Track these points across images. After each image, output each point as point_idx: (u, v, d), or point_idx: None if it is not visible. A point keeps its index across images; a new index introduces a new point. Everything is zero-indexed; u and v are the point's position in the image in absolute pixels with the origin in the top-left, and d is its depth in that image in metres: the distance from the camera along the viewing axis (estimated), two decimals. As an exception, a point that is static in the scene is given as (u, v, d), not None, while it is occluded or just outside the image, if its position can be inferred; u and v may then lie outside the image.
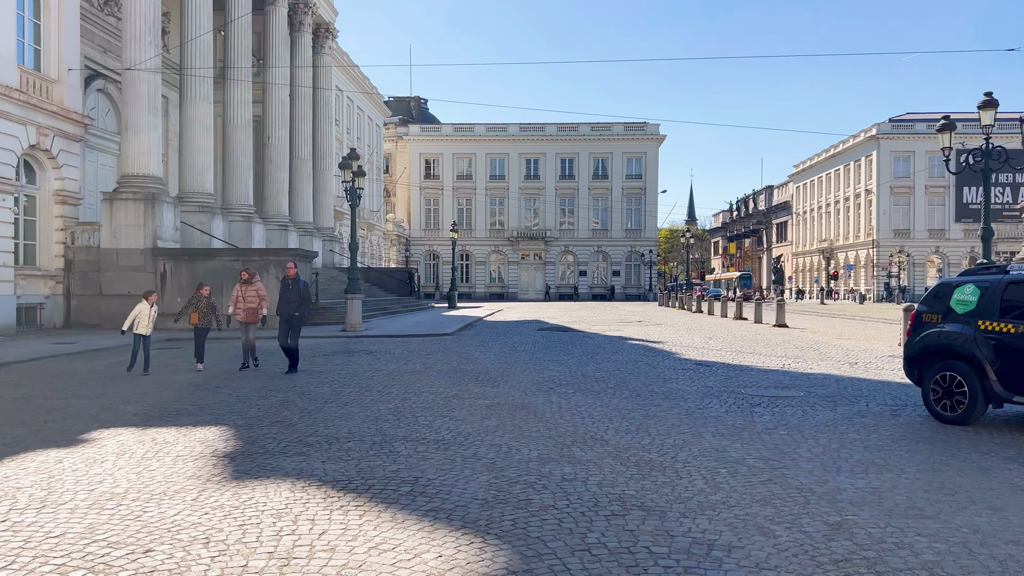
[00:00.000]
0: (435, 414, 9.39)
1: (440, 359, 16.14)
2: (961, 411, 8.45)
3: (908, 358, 9.35)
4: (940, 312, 8.98)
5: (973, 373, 8.36)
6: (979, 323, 8.40)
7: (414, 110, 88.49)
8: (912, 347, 9.26)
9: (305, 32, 39.00)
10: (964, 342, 8.48)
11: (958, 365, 8.53)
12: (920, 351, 9.10)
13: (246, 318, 14.14)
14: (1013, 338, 8.03)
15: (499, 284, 78.10)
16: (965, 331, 8.51)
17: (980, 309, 8.45)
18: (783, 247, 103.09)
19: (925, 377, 8.95)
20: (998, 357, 8.13)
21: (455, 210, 77.14)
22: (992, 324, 8.26)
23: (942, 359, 8.76)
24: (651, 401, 10.33)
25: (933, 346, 8.91)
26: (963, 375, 8.44)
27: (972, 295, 8.58)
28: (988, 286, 8.49)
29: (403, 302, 40.43)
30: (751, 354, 17.17)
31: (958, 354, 8.57)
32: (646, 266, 77.42)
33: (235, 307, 14.30)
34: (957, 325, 8.66)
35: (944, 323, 8.87)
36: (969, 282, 8.76)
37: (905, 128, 76.50)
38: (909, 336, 9.39)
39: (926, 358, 9.00)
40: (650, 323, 29.60)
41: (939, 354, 8.83)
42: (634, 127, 77.91)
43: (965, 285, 8.76)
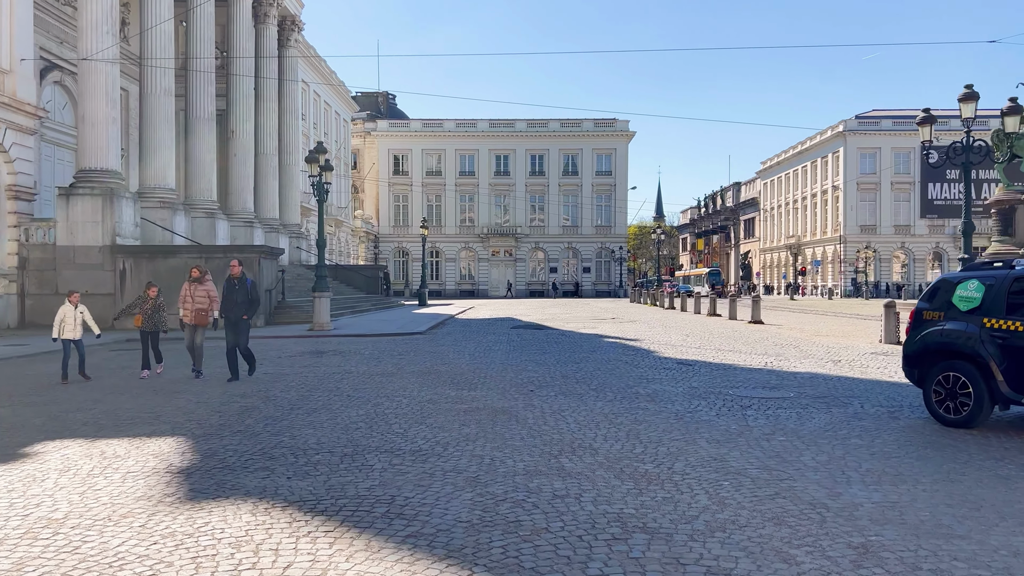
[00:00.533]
0: (410, 421, 8.80)
1: (413, 360, 15.53)
2: (965, 413, 8.03)
3: (908, 357, 8.90)
4: (942, 309, 8.56)
5: (978, 374, 7.95)
6: (984, 321, 7.99)
7: (382, 105, 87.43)
8: (912, 346, 8.83)
9: (270, 24, 38.01)
10: (968, 341, 8.07)
11: (962, 365, 8.11)
12: (921, 350, 8.67)
13: (194, 320, 12.86)
14: (1022, 336, 7.63)
15: (470, 281, 77.43)
16: (969, 329, 8.10)
17: (985, 306, 8.04)
18: (751, 243, 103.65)
19: (926, 378, 8.52)
20: (1005, 357, 7.73)
21: (425, 206, 76.31)
22: (998, 322, 7.85)
23: (945, 359, 8.34)
24: (637, 404, 9.83)
25: (935, 345, 8.48)
26: (968, 376, 8.02)
27: (976, 292, 8.17)
28: (993, 282, 8.07)
29: (372, 300, 39.66)
30: (731, 352, 16.78)
31: (962, 353, 8.15)
32: (616, 262, 77.25)
33: (183, 308, 13.06)
34: (960, 323, 8.24)
35: (946, 321, 8.44)
36: (972, 278, 8.34)
37: (871, 125, 77.15)
38: (908, 335, 8.96)
39: (927, 358, 8.58)
40: (624, 320, 29.20)
41: (941, 353, 8.41)
42: (604, 123, 77.67)
43: (968, 281, 8.34)
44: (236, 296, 12.71)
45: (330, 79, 57.45)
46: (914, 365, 8.78)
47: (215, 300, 13.02)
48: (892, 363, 14.34)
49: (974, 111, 17.34)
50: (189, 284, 13.01)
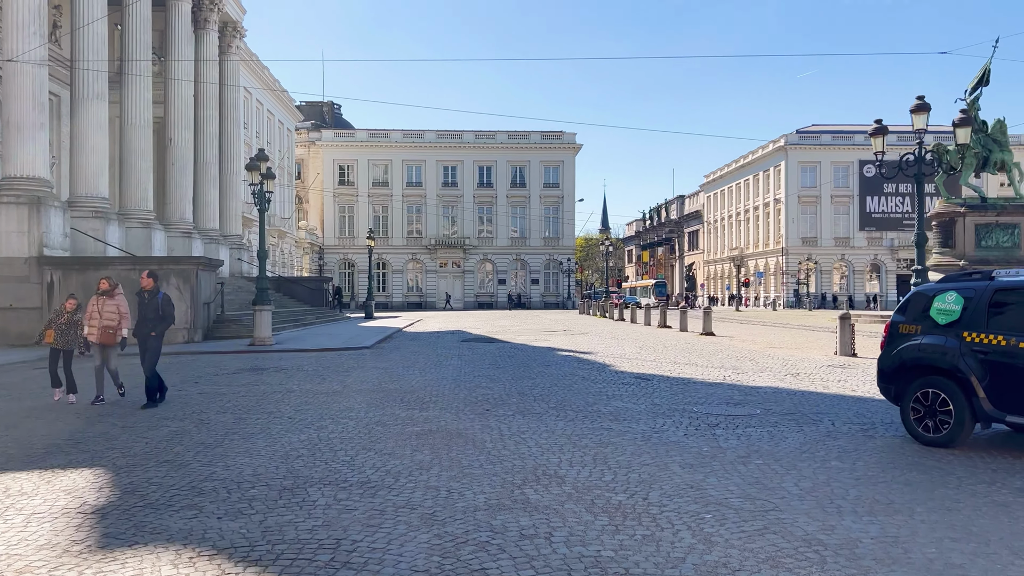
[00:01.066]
0: (357, 447, 8.10)
1: (359, 377, 14.76)
2: (946, 432, 7.64)
3: (883, 373, 8.50)
4: (918, 322, 8.18)
5: (959, 390, 7.57)
6: (964, 335, 7.62)
7: (327, 115, 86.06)
8: (888, 361, 8.43)
9: (210, 30, 36.80)
10: (948, 356, 7.69)
11: (942, 381, 7.74)
12: (898, 366, 8.27)
13: (101, 339, 11.28)
14: (1005, 352, 7.27)
15: (417, 293, 76.44)
16: (949, 344, 7.73)
17: (965, 319, 7.68)
18: (695, 255, 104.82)
19: (904, 395, 8.13)
20: (987, 372, 7.36)
21: (371, 217, 75.18)
22: (980, 336, 7.49)
23: (923, 375, 7.96)
24: (600, 424, 9.28)
25: (913, 360, 8.10)
26: (948, 392, 7.64)
27: (955, 304, 7.81)
28: (973, 294, 7.72)
29: (317, 313, 38.56)
30: (687, 365, 16.40)
31: (942, 369, 7.77)
32: (564, 274, 77.12)
33: (89, 325, 11.40)
34: (939, 337, 7.87)
35: (923, 335, 8.06)
36: (950, 289, 7.98)
37: (812, 139, 78.70)
38: (884, 349, 8.57)
39: (905, 374, 8.18)
40: (576, 332, 28.77)
41: (920, 369, 8.03)
42: (551, 136, 77.68)
43: (946, 293, 7.98)
44: (146, 312, 11.37)
45: (273, 87, 56.15)
46: (890, 381, 8.38)
47: (125, 317, 11.48)
48: (851, 376, 14.10)
49: (926, 122, 17.34)
50: (97, 298, 11.51)
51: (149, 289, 11.58)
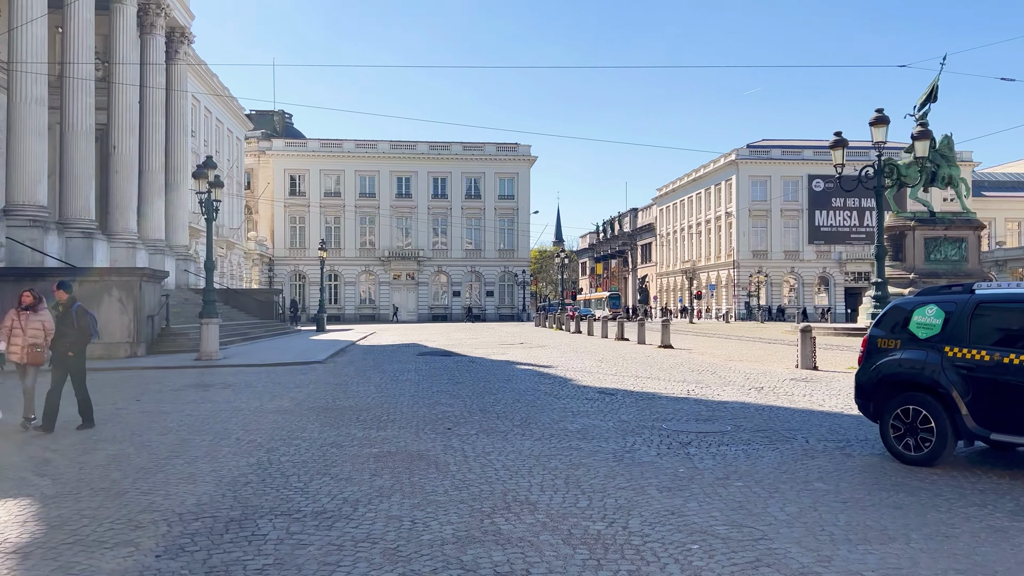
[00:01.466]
0: (311, 471, 7.55)
1: (312, 393, 14.14)
2: (927, 450, 7.38)
3: (862, 389, 8.21)
4: (898, 337, 7.93)
5: (941, 407, 7.32)
6: (946, 349, 7.38)
7: (278, 124, 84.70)
8: (866, 377, 8.14)
9: (157, 35, 35.72)
10: (930, 372, 7.44)
11: (923, 398, 7.48)
12: (877, 382, 7.98)
13: (28, 358, 10.18)
14: (989, 367, 7.03)
15: (370, 305, 75.36)
16: (930, 359, 7.48)
17: (946, 334, 7.44)
18: (648, 267, 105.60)
19: (883, 411, 7.85)
20: (970, 389, 7.12)
21: (323, 228, 74.01)
22: (962, 351, 7.25)
23: (904, 391, 7.70)
24: (568, 443, 8.87)
25: (892, 376, 7.83)
26: (929, 409, 7.38)
27: (935, 318, 7.58)
28: (953, 308, 7.49)
29: (267, 326, 37.55)
30: (650, 379, 16.10)
31: (923, 385, 7.52)
32: (519, 286, 76.80)
33: (8, 342, 10.12)
34: (920, 352, 7.62)
35: (903, 349, 7.81)
36: (930, 302, 7.75)
37: (762, 154, 79.89)
38: (862, 364, 8.31)
39: (884, 390, 7.90)
40: (534, 345, 28.38)
41: (900, 385, 7.76)
42: (506, 148, 77.49)
43: (926, 306, 7.75)
44: (63, 327, 10.39)
45: (223, 94, 54.95)
46: (869, 398, 8.09)
47: (51, 333, 10.37)
48: (816, 390, 13.94)
49: (885, 134, 17.38)
50: (18, 312, 10.36)
51: (64, 303, 10.65)
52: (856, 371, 8.42)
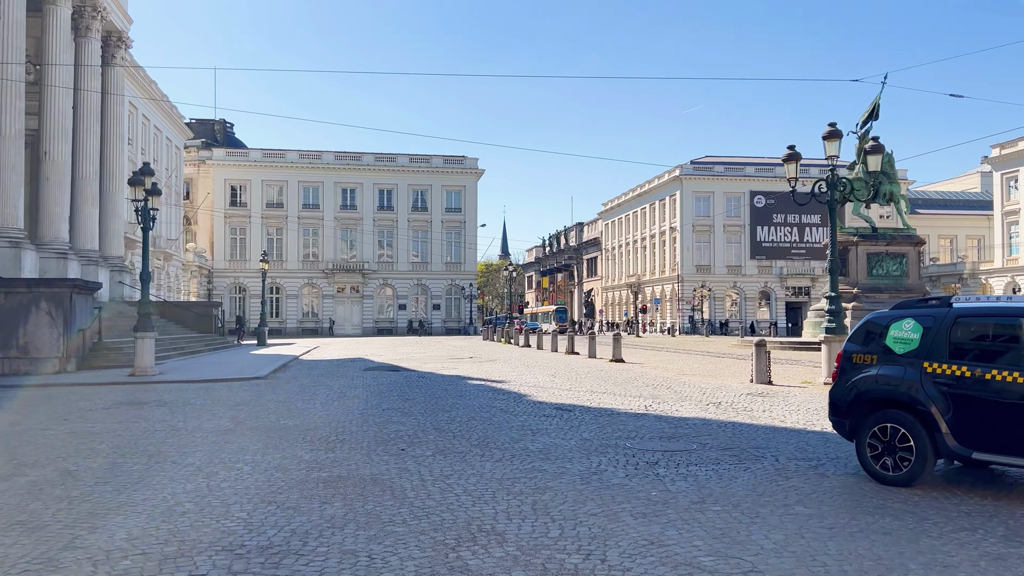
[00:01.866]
0: (255, 499, 6.94)
1: (254, 411, 13.40)
2: (906, 470, 7.10)
3: (836, 407, 7.89)
4: (874, 352, 7.65)
5: (921, 425, 7.05)
6: (925, 365, 7.13)
7: (219, 134, 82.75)
8: (841, 394, 7.83)
9: (93, 39, 34.37)
10: (908, 389, 7.17)
11: (902, 416, 7.20)
12: (853, 399, 7.67)
13: None
14: (970, 383, 6.80)
15: (313, 319, 73.86)
16: (908, 375, 7.22)
17: (925, 349, 7.20)
18: (594, 281, 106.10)
19: (860, 430, 7.55)
20: (951, 406, 6.87)
21: (264, 240, 72.37)
22: (941, 367, 7.02)
23: (881, 408, 7.42)
24: (531, 464, 8.40)
25: (870, 393, 7.53)
26: (908, 428, 7.10)
27: (913, 332, 7.33)
28: (931, 322, 7.25)
29: (206, 340, 36.27)
30: (605, 394, 15.75)
31: (901, 402, 7.25)
32: (466, 300, 76.20)
33: None
34: (898, 368, 7.35)
35: (880, 365, 7.53)
36: (907, 316, 7.50)
37: (706, 170, 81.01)
38: (836, 380, 7.99)
39: (861, 407, 7.60)
40: (483, 359, 27.87)
41: (877, 402, 7.47)
42: (453, 160, 77.02)
43: (902, 320, 7.50)
44: None
45: (161, 104, 53.33)
46: (844, 415, 7.77)
47: None
48: (774, 405, 13.74)
49: (838, 148, 17.43)
50: None
51: None
52: (831, 388, 8.12)
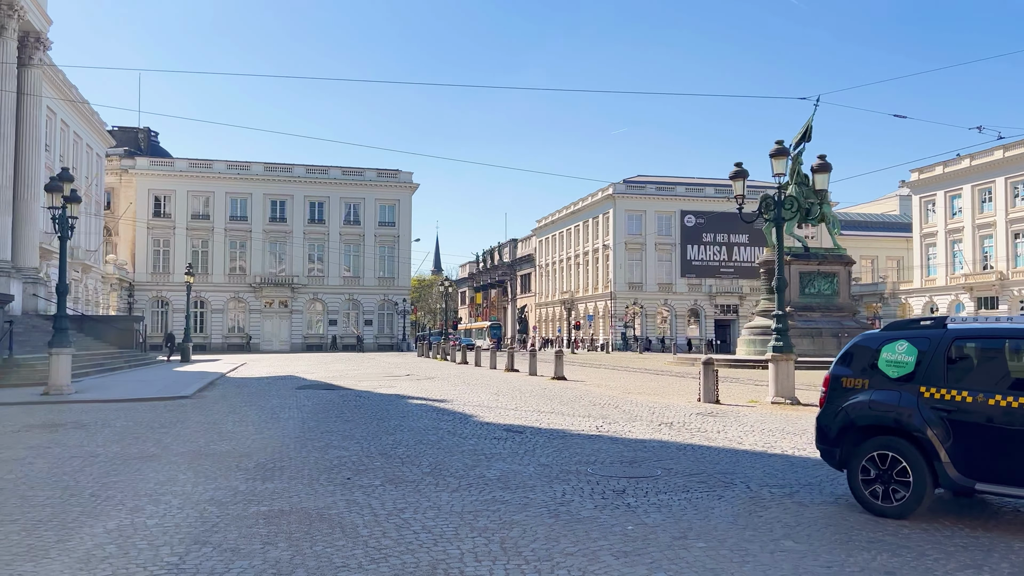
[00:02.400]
0: (187, 539, 6.16)
1: (181, 435, 12.44)
2: (902, 502, 6.67)
3: (825, 435, 7.44)
4: (866, 376, 7.24)
5: (919, 454, 6.64)
6: (922, 390, 6.75)
7: (143, 142, 79.82)
8: (831, 420, 7.38)
9: (8, 38, 32.59)
10: (905, 415, 6.77)
11: (898, 444, 6.78)
12: (844, 426, 7.22)
13: None
14: (972, 410, 6.42)
15: (239, 334, 71.56)
16: (904, 401, 6.82)
17: (921, 372, 6.82)
18: (527, 297, 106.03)
19: (852, 458, 7.12)
20: (951, 434, 6.49)
21: (189, 252, 69.88)
22: (940, 392, 6.64)
23: (875, 435, 7.00)
24: (491, 494, 7.80)
25: (862, 420, 7.10)
26: (905, 456, 6.69)
27: (907, 355, 6.95)
28: (927, 345, 6.88)
29: (127, 356, 34.50)
30: (553, 414, 15.26)
31: (897, 430, 6.84)
32: (400, 315, 74.99)
33: None
34: (892, 393, 6.95)
35: (873, 390, 7.12)
36: (900, 338, 7.10)
37: (638, 189, 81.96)
38: (825, 406, 7.55)
39: (853, 434, 7.17)
40: (421, 377, 27.08)
41: (870, 429, 7.06)
42: (387, 174, 75.98)
43: (896, 342, 7.09)
44: None
45: (82, 109, 51.03)
46: (834, 443, 7.31)
47: None
48: (728, 426, 13.45)
49: (785, 167, 17.42)
50: None
51: None
52: (818, 414, 7.66)
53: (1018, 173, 59.85)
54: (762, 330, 37.45)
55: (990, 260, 62.84)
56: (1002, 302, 60.95)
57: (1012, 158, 60.03)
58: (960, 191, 65.39)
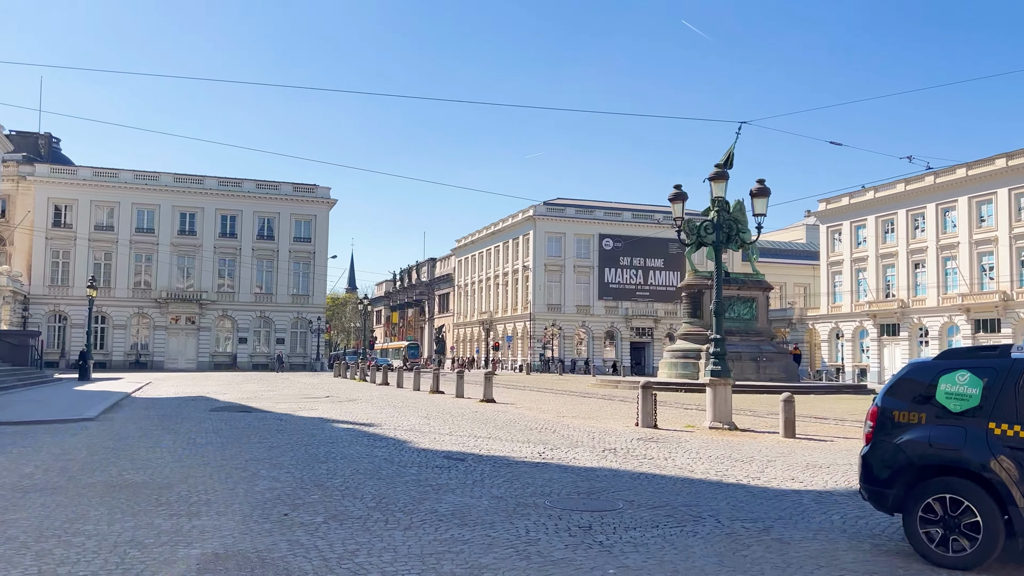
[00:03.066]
0: (110, 594, 5.31)
1: (89, 462, 11.28)
2: (971, 551, 6.01)
3: (873, 475, 6.71)
4: (921, 409, 6.57)
5: (989, 498, 6.02)
6: (991, 427, 6.13)
7: (43, 148, 75.67)
8: (882, 459, 6.66)
9: None
10: (973, 454, 6.14)
11: (965, 486, 6.15)
12: (900, 466, 6.52)
13: None
14: None
15: (143, 351, 68.21)
16: (971, 438, 6.20)
17: (988, 407, 6.19)
18: (445, 317, 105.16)
19: (909, 501, 6.43)
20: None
21: (91, 265, 66.30)
22: (1013, 428, 6.02)
23: (936, 476, 6.35)
24: (447, 532, 7.14)
25: (922, 459, 6.43)
26: (974, 500, 6.05)
27: (971, 387, 6.32)
28: (993, 375, 6.25)
29: (21, 373, 32.15)
30: (491, 439, 14.65)
31: (964, 470, 6.21)
32: (314, 334, 72.93)
33: None
34: (956, 429, 6.32)
35: (932, 426, 6.46)
36: (960, 368, 6.48)
37: (558, 211, 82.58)
38: (873, 443, 6.79)
39: (910, 475, 6.48)
40: (343, 399, 26.00)
41: (931, 469, 6.41)
42: (303, 188, 74.14)
43: (955, 372, 6.47)
44: None
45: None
46: (886, 484, 6.57)
47: None
48: (674, 453, 13.11)
49: (724, 190, 17.41)
50: None
51: None
52: (864, 452, 6.91)
53: (919, 206, 62.76)
54: (683, 353, 37.79)
55: (892, 288, 65.55)
56: (903, 329, 63.57)
57: (912, 191, 62.95)
58: (865, 221, 68.13)
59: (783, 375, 36.15)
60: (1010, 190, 55.47)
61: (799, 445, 14.36)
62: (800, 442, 14.80)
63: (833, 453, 13.33)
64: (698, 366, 35.84)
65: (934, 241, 61.37)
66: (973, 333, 57.76)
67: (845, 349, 69.58)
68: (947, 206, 60.45)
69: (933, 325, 61.10)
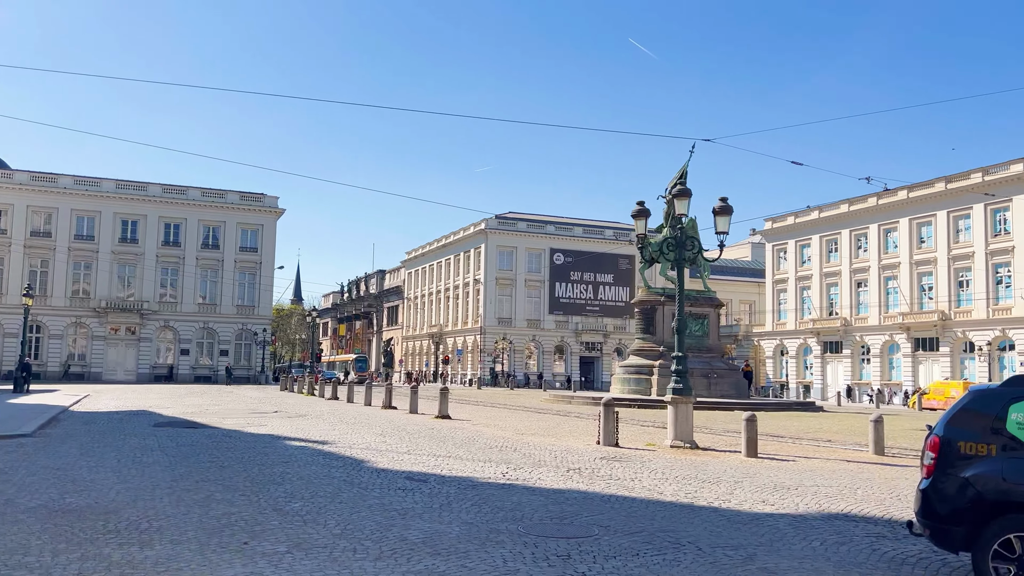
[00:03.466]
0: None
1: (27, 484, 10.58)
2: None
3: (937, 511, 6.24)
4: (990, 440, 6.11)
5: None
6: None
7: (-23, 150, 73.05)
8: (946, 494, 6.19)
9: None
10: None
11: None
12: (969, 502, 6.05)
13: None
14: None
15: (80, 362, 65.91)
16: None
17: None
18: (394, 330, 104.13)
19: (980, 540, 5.98)
20: None
21: (27, 272, 63.88)
22: None
23: (1011, 513, 5.89)
24: (422, 564, 6.77)
25: (996, 495, 5.95)
26: None
27: None
28: None
29: (-53, 386, 30.57)
30: (452, 458, 14.27)
31: None
32: (259, 346, 71.39)
33: None
34: None
35: (1004, 458, 6.01)
36: None
37: (509, 225, 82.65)
38: (935, 476, 6.31)
39: (979, 512, 6.01)
40: (293, 414, 25.26)
41: (1006, 506, 5.94)
42: (251, 197, 72.79)
43: None
44: None
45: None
46: (952, 521, 6.12)
47: None
48: (638, 472, 12.92)
49: (687, 207, 17.37)
50: None
51: None
52: (925, 485, 6.42)
53: (862, 226, 64.31)
54: (636, 368, 37.86)
55: (835, 307, 66.94)
56: (846, 346, 64.92)
57: (856, 212, 64.53)
58: (809, 240, 69.55)
59: (733, 392, 36.43)
60: (949, 212, 57.19)
61: (763, 465, 14.31)
62: (763, 462, 14.76)
63: (798, 473, 13.28)
64: (651, 382, 35.92)
65: (876, 261, 62.92)
66: (913, 351, 59.28)
67: (789, 366, 70.78)
68: (889, 227, 62.05)
69: (875, 343, 62.55)
